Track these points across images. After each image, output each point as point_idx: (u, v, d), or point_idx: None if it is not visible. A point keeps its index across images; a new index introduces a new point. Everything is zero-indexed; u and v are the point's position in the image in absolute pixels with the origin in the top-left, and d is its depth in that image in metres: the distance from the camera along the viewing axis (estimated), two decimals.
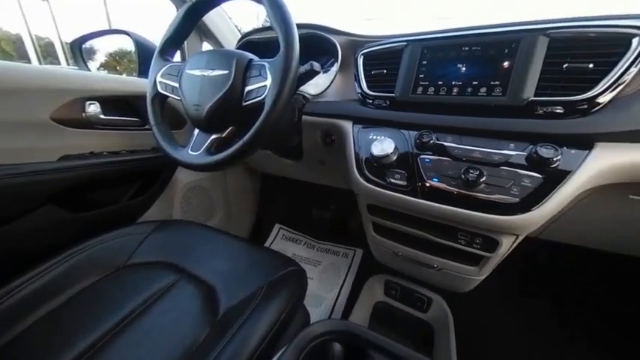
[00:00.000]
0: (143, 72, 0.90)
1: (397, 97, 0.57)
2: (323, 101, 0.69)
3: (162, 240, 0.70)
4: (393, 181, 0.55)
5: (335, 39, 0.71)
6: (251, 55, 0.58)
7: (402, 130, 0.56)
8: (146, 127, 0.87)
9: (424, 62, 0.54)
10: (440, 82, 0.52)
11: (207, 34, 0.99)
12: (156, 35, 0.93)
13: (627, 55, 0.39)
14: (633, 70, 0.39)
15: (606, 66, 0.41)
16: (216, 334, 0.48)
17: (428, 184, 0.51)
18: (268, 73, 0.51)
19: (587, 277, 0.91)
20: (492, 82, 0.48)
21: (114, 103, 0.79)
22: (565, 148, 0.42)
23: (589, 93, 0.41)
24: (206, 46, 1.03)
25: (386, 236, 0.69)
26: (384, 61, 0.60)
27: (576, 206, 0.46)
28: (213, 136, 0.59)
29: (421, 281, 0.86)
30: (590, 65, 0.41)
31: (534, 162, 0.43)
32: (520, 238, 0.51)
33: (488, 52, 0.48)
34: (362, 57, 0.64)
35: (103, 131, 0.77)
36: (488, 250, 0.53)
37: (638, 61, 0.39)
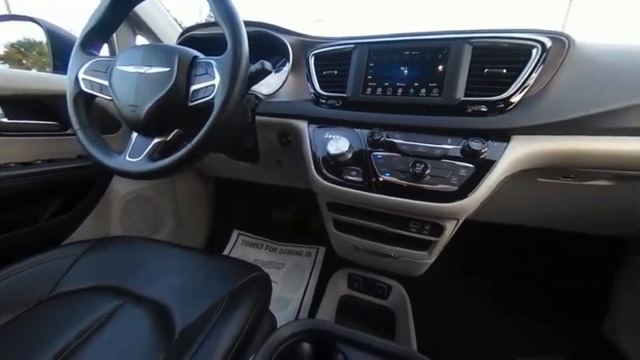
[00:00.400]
0: (59, 67, 0.77)
1: (349, 98, 0.59)
2: (276, 101, 0.69)
3: (99, 261, 0.61)
4: (349, 177, 0.57)
5: (285, 39, 0.71)
6: (195, 52, 0.54)
7: (355, 129, 0.59)
8: (68, 131, 0.75)
9: (371, 64, 0.58)
10: (386, 84, 0.56)
11: (141, 27, 0.89)
12: (74, 25, 0.80)
13: (529, 63, 0.48)
14: (534, 75, 0.48)
15: (515, 71, 0.48)
16: (173, 357, 0.44)
17: (381, 179, 0.55)
18: (216, 71, 0.49)
19: (514, 252, 1.08)
20: (430, 84, 0.53)
21: (22, 104, 0.66)
22: (490, 141, 0.49)
23: (504, 94, 0.49)
24: (141, 41, 0.93)
25: (346, 231, 0.71)
26: (334, 62, 0.62)
27: (500, 191, 0.55)
28: (156, 140, 0.54)
29: (381, 270, 0.91)
30: (504, 70, 0.49)
31: (467, 154, 0.50)
32: (460, 222, 0.58)
33: (425, 57, 0.54)
34: (313, 57, 0.65)
35: (7, 138, 0.64)
36: (435, 235, 0.59)
37: (537, 67, 0.48)
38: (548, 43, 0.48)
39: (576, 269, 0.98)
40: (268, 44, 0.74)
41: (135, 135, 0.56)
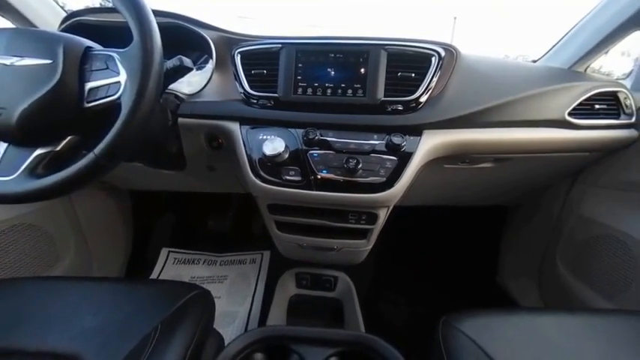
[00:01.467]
0: None
1: (281, 98, 0.59)
2: (201, 101, 0.63)
3: None
4: (288, 177, 0.57)
5: (206, 34, 0.65)
6: (88, 42, 0.45)
7: (289, 129, 0.59)
8: None
9: (300, 65, 0.59)
10: (316, 84, 0.58)
11: (1, 7, 0.68)
12: None
13: (430, 69, 0.57)
14: (435, 79, 0.57)
15: (421, 75, 0.57)
16: None
17: (319, 177, 0.57)
18: (120, 66, 0.41)
19: (428, 229, 1.28)
20: (355, 85, 0.58)
21: None
22: (407, 135, 0.56)
23: (414, 95, 0.57)
24: (1, 24, 0.71)
25: (289, 231, 0.71)
26: (262, 61, 0.61)
27: (418, 178, 0.64)
28: (39, 152, 0.43)
29: (326, 264, 0.95)
30: (413, 74, 0.57)
31: (391, 148, 0.56)
32: (390, 209, 0.65)
33: (349, 60, 0.58)
34: (239, 55, 0.62)
35: None
36: (371, 223, 0.65)
37: (436, 72, 0.57)
38: (443, 53, 0.58)
39: (475, 235, 1.23)
40: (185, 39, 0.66)
41: (3, 146, 0.43)
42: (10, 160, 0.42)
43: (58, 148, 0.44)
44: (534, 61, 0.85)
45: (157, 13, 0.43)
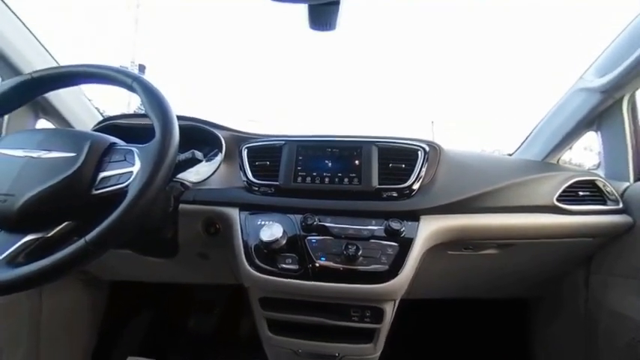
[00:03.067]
0: None
1: (281, 185, 0.62)
2: (205, 188, 0.66)
3: None
4: (284, 266, 0.54)
5: (219, 133, 0.75)
6: (114, 139, 0.51)
7: (288, 215, 0.59)
8: None
9: (300, 157, 0.65)
10: (314, 174, 0.63)
11: (47, 111, 0.81)
12: None
13: (418, 161, 0.63)
14: (424, 170, 0.62)
15: (410, 166, 0.62)
16: None
17: (317, 264, 0.53)
18: (137, 158, 0.45)
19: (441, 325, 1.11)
20: (351, 175, 0.62)
21: None
22: (405, 221, 0.57)
23: (407, 183, 0.61)
24: (43, 125, 0.82)
25: (283, 333, 0.61)
26: (266, 154, 0.68)
27: (422, 266, 0.60)
28: (28, 238, 0.41)
29: None
30: (403, 165, 0.63)
31: (390, 233, 0.55)
32: (397, 303, 0.58)
33: (344, 154, 0.65)
34: (246, 150, 0.69)
35: None
36: (377, 321, 0.57)
37: (424, 164, 0.63)
38: (427, 148, 0.65)
39: (497, 333, 1.05)
40: (201, 137, 0.76)
41: None
42: None
43: (50, 234, 0.43)
44: (510, 155, 0.96)
45: (180, 118, 0.51)
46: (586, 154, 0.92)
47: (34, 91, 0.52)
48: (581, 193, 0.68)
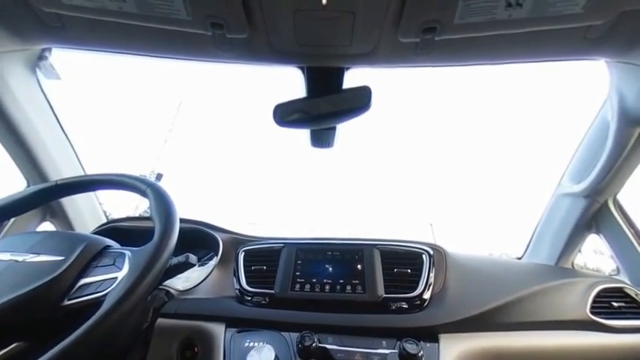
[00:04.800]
0: None
1: (277, 294, 0.56)
2: (192, 298, 0.59)
3: None
4: None
5: (218, 235, 0.74)
6: (109, 242, 0.49)
7: (282, 333, 0.50)
8: None
9: (299, 262, 0.61)
10: (314, 280, 0.58)
11: (55, 213, 0.82)
12: None
13: (424, 265, 0.59)
14: (432, 275, 0.57)
15: (417, 271, 0.58)
16: None
17: None
18: (127, 262, 0.43)
19: None
20: (354, 281, 0.57)
21: None
22: (422, 342, 0.47)
23: (416, 292, 0.54)
24: (46, 227, 0.82)
25: None
26: (263, 258, 0.64)
27: None
28: None
29: None
30: (409, 270, 0.58)
31: (406, 358, 0.45)
32: None
33: (345, 257, 0.61)
34: (243, 253, 0.66)
35: None
36: None
37: (431, 269, 0.58)
38: (431, 251, 0.63)
39: None
40: (199, 239, 0.74)
41: None
42: None
43: None
44: (519, 258, 0.90)
45: (182, 221, 0.51)
46: (598, 257, 0.87)
47: (53, 196, 0.54)
48: (615, 304, 0.60)
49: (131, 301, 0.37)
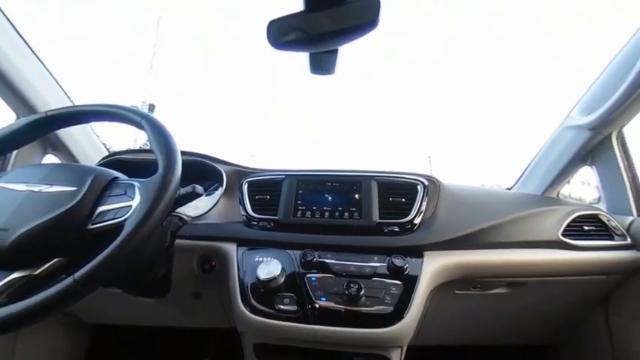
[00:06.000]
0: None
1: (280, 220, 0.61)
2: (203, 223, 0.65)
3: None
4: (282, 307, 0.51)
5: (221, 167, 0.76)
6: (117, 173, 0.51)
7: (287, 251, 0.57)
8: None
9: (300, 192, 0.65)
10: (314, 208, 0.62)
11: (56, 147, 0.83)
12: None
13: (418, 195, 0.63)
14: (424, 203, 0.62)
15: (411, 200, 0.62)
16: None
17: (317, 305, 0.50)
18: (137, 192, 0.45)
19: None
20: (351, 209, 0.61)
21: None
22: (409, 257, 0.55)
23: (408, 217, 0.60)
24: (50, 160, 0.83)
25: None
26: (266, 189, 0.68)
27: (429, 308, 0.56)
28: (15, 276, 0.39)
29: None
30: (403, 199, 0.62)
31: (393, 271, 0.53)
32: (404, 350, 0.53)
33: (344, 188, 0.65)
34: (247, 184, 0.69)
35: None
36: None
37: (424, 198, 0.62)
38: (426, 182, 0.66)
39: None
40: (203, 172, 0.77)
41: None
42: None
43: (37, 272, 0.41)
44: (509, 189, 0.96)
45: (184, 153, 0.52)
46: (584, 188, 0.92)
47: (47, 128, 0.54)
48: (586, 228, 0.66)
49: (148, 226, 0.41)
